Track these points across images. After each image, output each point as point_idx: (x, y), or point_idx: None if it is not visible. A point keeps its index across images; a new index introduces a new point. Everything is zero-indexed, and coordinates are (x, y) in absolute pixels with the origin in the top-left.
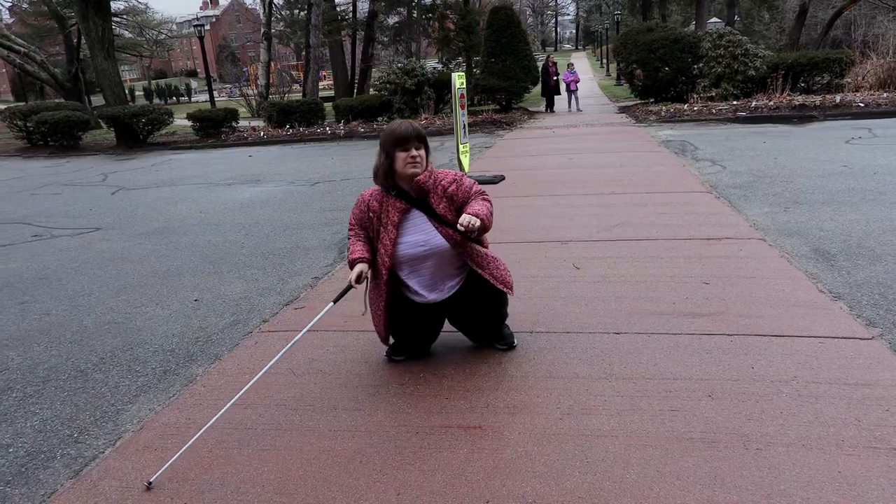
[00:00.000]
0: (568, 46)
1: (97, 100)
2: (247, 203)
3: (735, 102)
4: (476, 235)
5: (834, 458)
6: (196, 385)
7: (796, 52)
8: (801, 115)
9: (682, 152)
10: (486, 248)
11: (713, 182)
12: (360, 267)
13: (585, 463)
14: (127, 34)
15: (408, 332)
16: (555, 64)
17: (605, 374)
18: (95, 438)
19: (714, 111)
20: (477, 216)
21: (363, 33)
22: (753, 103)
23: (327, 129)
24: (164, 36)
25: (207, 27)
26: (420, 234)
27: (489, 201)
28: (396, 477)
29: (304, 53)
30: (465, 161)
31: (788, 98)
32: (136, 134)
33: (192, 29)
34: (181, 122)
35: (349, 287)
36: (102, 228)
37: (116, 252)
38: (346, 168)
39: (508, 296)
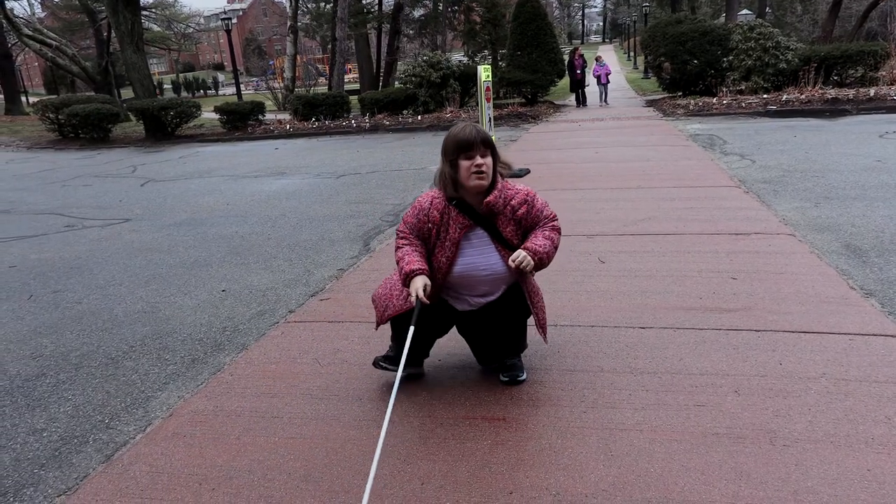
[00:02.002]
0: (595, 39)
1: (126, 93)
2: (273, 195)
3: (765, 96)
4: (530, 273)
5: (863, 456)
6: (224, 374)
7: (829, 44)
8: (833, 109)
9: (711, 146)
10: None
11: (742, 176)
12: (421, 281)
13: (609, 456)
14: (155, 28)
15: (420, 328)
16: (581, 56)
17: (629, 368)
18: (126, 424)
19: (744, 105)
20: (535, 254)
21: (389, 26)
22: (784, 97)
23: (353, 122)
24: (191, 29)
25: (234, 21)
26: (481, 258)
27: (558, 230)
28: (421, 467)
29: (329, 46)
30: None
31: (821, 91)
32: (165, 126)
33: (219, 22)
34: (208, 115)
35: (421, 305)
36: (132, 219)
37: (145, 242)
38: (371, 161)
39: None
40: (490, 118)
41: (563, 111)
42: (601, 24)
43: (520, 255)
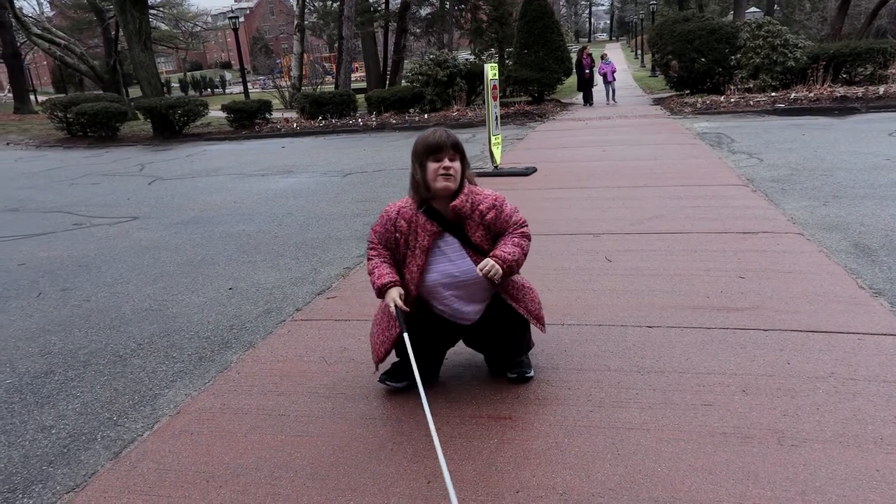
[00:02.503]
0: (602, 37)
1: (134, 91)
2: (280, 193)
3: (773, 94)
4: (498, 281)
5: (872, 456)
6: (231, 371)
7: (838, 42)
8: (842, 107)
9: (718, 145)
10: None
11: (750, 175)
12: (395, 291)
13: (616, 455)
14: (163, 26)
15: (419, 348)
16: (590, 56)
17: (636, 367)
18: (134, 422)
19: (751, 103)
20: (504, 262)
21: (395, 24)
22: (793, 95)
23: (359, 120)
24: (199, 28)
25: (242, 19)
26: (450, 265)
27: (527, 237)
28: (427, 465)
29: (336, 45)
30: (497, 153)
31: (829, 89)
32: (172, 125)
33: (226, 21)
34: (216, 113)
35: (403, 312)
36: (140, 217)
37: (153, 241)
38: (377, 159)
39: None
40: (497, 117)
41: (569, 109)
42: (608, 22)
43: (487, 263)
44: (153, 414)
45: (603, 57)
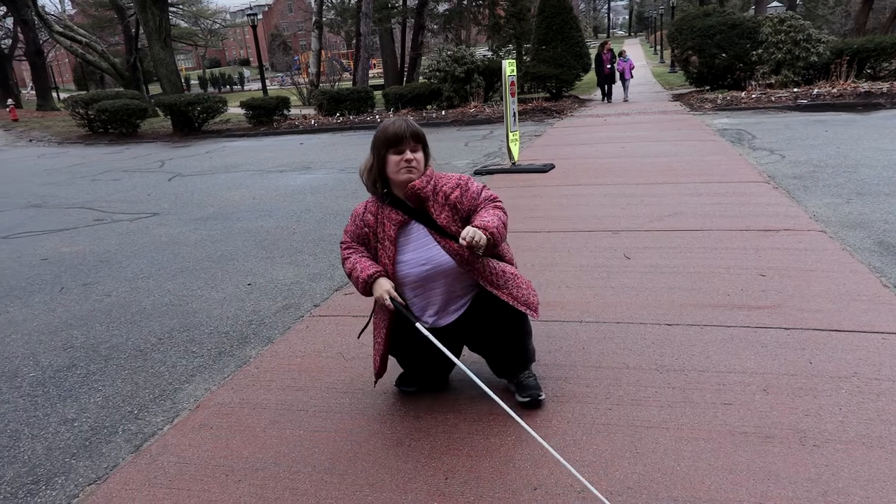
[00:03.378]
0: (620, 33)
1: (154, 88)
2: (298, 190)
3: (796, 90)
4: (484, 252)
5: None
6: (250, 366)
7: (863, 37)
8: (866, 103)
9: (739, 141)
10: (508, 261)
11: (771, 172)
12: (386, 283)
13: (635, 454)
14: (183, 24)
15: (416, 361)
16: (610, 51)
17: (655, 365)
18: (154, 415)
19: (773, 99)
20: (485, 229)
21: (413, 21)
22: (815, 91)
23: (377, 117)
24: (218, 25)
25: (260, 16)
26: (421, 251)
27: (503, 209)
28: (444, 461)
29: (354, 41)
30: (515, 149)
31: (853, 85)
32: (192, 122)
33: (245, 18)
34: (234, 110)
35: (405, 306)
36: (160, 213)
37: (173, 236)
38: None
39: (533, 323)
40: (514, 113)
41: (588, 106)
42: (627, 17)
43: (469, 230)
44: (173, 408)
45: (621, 54)
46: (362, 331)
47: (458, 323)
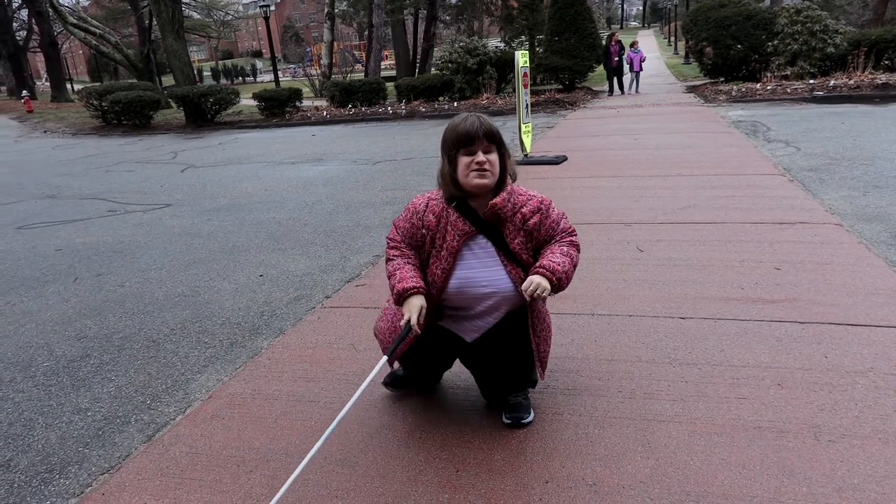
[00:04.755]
0: (634, 24)
1: (167, 80)
2: (310, 181)
3: (812, 81)
4: (545, 298)
5: None
6: (261, 357)
7: (881, 27)
8: (884, 95)
9: (754, 133)
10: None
11: (786, 164)
12: (418, 302)
13: (647, 448)
14: (196, 15)
15: (424, 359)
16: (619, 42)
17: (668, 358)
18: (167, 406)
19: (789, 91)
20: (553, 273)
21: (425, 12)
22: (832, 82)
23: (389, 108)
24: (230, 17)
25: (273, 7)
26: (483, 271)
27: (577, 246)
28: (456, 453)
29: (366, 33)
30: (528, 141)
31: (871, 76)
32: (205, 113)
33: (257, 10)
34: (247, 101)
35: (408, 331)
36: (172, 204)
37: (185, 227)
38: (407, 147)
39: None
40: (527, 104)
41: (600, 97)
42: (640, 8)
43: (532, 282)
44: (185, 398)
45: (633, 45)
46: (395, 347)
47: (474, 343)
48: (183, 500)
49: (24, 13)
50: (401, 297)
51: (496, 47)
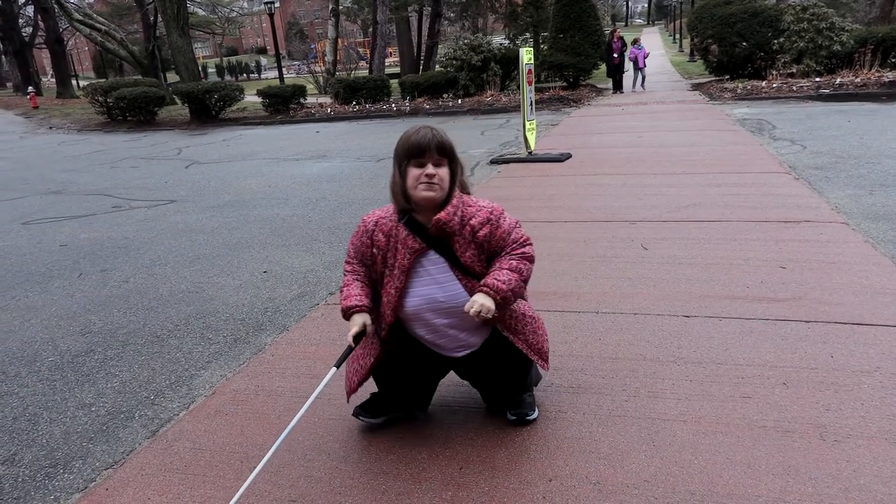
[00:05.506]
0: (639, 21)
1: (172, 76)
2: (314, 178)
3: (818, 79)
4: (493, 316)
5: None
6: (265, 354)
7: (888, 25)
8: (890, 93)
9: (759, 131)
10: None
11: (792, 162)
12: (359, 319)
13: (652, 446)
14: (200, 12)
15: (402, 378)
16: (620, 39)
17: (673, 357)
18: (171, 401)
19: (794, 88)
20: (497, 292)
21: (430, 9)
22: (838, 80)
23: (393, 105)
24: (235, 13)
25: (277, 4)
26: (436, 287)
27: (529, 258)
28: (459, 451)
29: (371, 30)
30: (532, 138)
31: (877, 74)
32: (209, 110)
33: (262, 6)
34: (251, 98)
35: (350, 349)
36: (177, 201)
37: (190, 224)
38: None
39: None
40: (531, 102)
41: (605, 95)
42: (646, 5)
43: (476, 302)
44: (189, 394)
45: (635, 41)
46: (342, 360)
47: (464, 357)
48: (186, 495)
49: (30, 9)
50: (345, 315)
51: (500, 44)
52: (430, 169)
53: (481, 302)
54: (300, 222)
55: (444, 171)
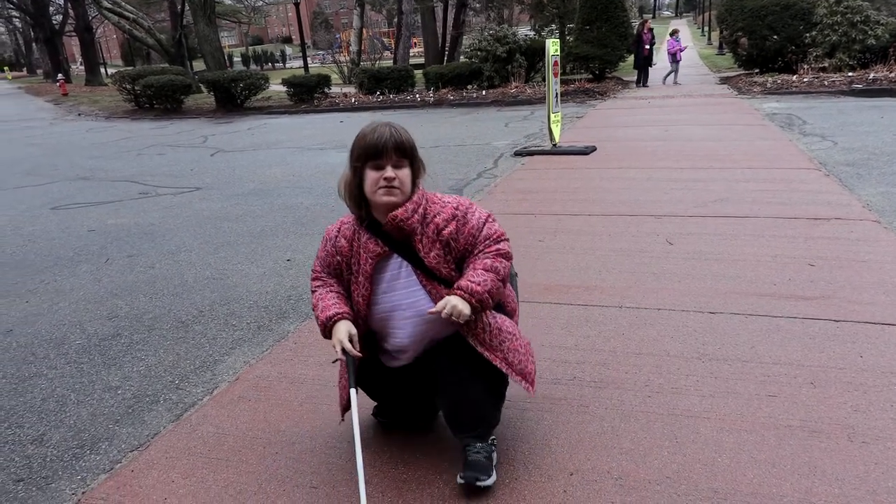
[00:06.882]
0: (667, 13)
1: (198, 65)
2: (337, 167)
3: (850, 74)
4: (463, 321)
5: None
6: (288, 341)
7: None
8: None
9: (789, 126)
10: (510, 311)
11: (822, 158)
12: (344, 327)
13: (675, 443)
14: (227, 1)
15: (389, 400)
16: (651, 31)
17: (697, 353)
18: (195, 386)
19: (826, 83)
20: (472, 295)
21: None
22: (871, 75)
23: (417, 96)
24: (261, 3)
25: None
26: (401, 293)
27: (505, 254)
28: None
29: (395, 20)
30: (556, 131)
31: None
32: (234, 98)
33: None
34: (276, 87)
35: (352, 361)
36: (202, 188)
37: (215, 211)
38: (434, 135)
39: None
40: (557, 94)
41: (631, 87)
42: None
43: (448, 303)
44: (213, 379)
45: (673, 33)
46: (352, 376)
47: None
48: (209, 479)
49: None
50: (326, 328)
51: (526, 36)
52: (388, 172)
53: (454, 304)
54: (323, 211)
55: (404, 173)
